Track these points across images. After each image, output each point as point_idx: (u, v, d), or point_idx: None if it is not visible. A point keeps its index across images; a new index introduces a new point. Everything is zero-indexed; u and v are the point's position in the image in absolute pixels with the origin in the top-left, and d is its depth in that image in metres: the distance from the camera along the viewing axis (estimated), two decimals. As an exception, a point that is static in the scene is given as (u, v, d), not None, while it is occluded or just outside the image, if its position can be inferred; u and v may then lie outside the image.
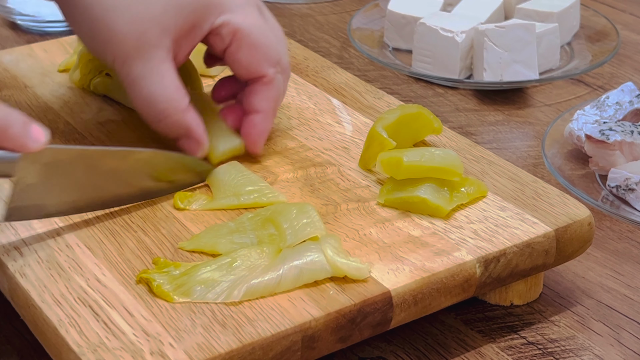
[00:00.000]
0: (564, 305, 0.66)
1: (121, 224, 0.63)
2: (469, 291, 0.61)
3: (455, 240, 0.62)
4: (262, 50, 0.68)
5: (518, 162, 0.83)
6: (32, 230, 0.62)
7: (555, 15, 1.01)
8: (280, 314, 0.55)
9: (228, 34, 0.67)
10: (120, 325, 0.54)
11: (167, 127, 0.66)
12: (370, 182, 0.68)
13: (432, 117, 0.71)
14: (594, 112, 0.83)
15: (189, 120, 0.66)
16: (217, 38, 0.67)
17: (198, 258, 0.60)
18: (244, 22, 0.67)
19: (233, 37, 0.67)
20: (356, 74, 0.95)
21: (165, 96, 0.65)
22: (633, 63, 1.02)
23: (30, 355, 0.61)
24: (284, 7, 1.16)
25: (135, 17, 0.64)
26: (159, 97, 0.65)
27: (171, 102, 0.65)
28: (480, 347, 0.62)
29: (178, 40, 0.66)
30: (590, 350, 0.62)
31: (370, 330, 0.57)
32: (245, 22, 0.67)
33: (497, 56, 0.93)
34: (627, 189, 0.75)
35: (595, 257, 0.71)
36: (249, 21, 0.67)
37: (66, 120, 0.75)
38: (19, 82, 0.81)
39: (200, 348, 0.53)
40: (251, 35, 0.67)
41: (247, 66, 0.68)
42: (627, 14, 1.15)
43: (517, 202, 0.66)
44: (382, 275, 0.58)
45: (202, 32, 0.67)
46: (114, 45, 0.64)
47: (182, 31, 0.65)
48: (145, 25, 0.64)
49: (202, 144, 0.67)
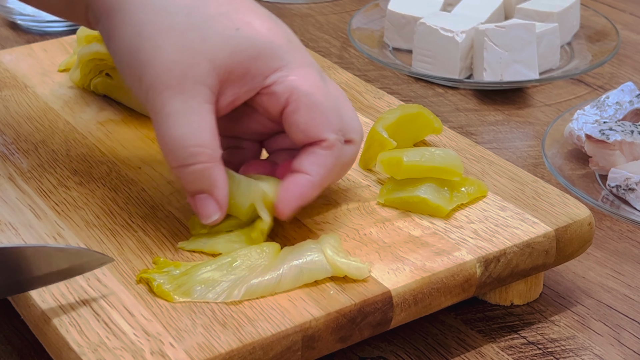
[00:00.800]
0: (564, 305, 0.66)
1: (121, 224, 0.63)
2: (469, 291, 0.61)
3: (455, 240, 0.62)
4: (322, 112, 0.59)
5: (518, 162, 0.83)
6: (32, 230, 0.62)
7: (555, 15, 1.01)
8: (280, 314, 0.55)
9: (284, 93, 0.59)
10: (120, 325, 0.54)
11: (190, 176, 0.58)
12: (370, 182, 0.68)
13: (433, 117, 0.72)
14: (594, 112, 0.83)
15: (217, 174, 0.58)
16: (272, 97, 0.59)
17: (198, 258, 0.60)
18: (302, 82, 0.59)
19: (290, 97, 0.59)
20: (356, 74, 0.95)
21: (201, 140, 0.57)
22: (633, 63, 1.02)
23: (30, 355, 0.61)
24: (284, 7, 1.16)
25: (188, 46, 0.57)
26: (193, 140, 0.57)
27: (205, 148, 0.57)
28: (481, 347, 0.62)
29: (224, 84, 0.58)
30: (590, 350, 0.62)
31: (371, 330, 0.57)
32: (303, 82, 0.59)
33: (497, 56, 0.93)
34: (627, 188, 0.75)
35: (595, 257, 0.71)
36: (308, 81, 0.59)
37: (66, 120, 0.76)
38: (19, 82, 0.81)
39: (200, 348, 0.53)
40: (310, 96, 0.59)
41: (306, 129, 0.59)
42: (627, 14, 1.15)
43: (517, 202, 0.66)
44: (382, 275, 0.58)
45: (253, 85, 0.59)
46: (156, 71, 0.57)
47: (232, 75, 0.58)
48: (197, 57, 0.57)
49: (221, 206, 0.59)
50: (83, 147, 0.72)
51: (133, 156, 0.71)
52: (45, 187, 0.67)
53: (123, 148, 0.72)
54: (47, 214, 0.64)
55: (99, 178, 0.68)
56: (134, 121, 0.76)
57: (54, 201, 0.65)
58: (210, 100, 0.58)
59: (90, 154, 0.71)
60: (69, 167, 0.69)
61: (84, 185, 0.67)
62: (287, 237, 0.62)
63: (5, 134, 0.73)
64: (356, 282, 0.58)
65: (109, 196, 0.66)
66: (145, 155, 0.71)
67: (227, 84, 0.58)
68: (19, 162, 0.70)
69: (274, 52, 0.59)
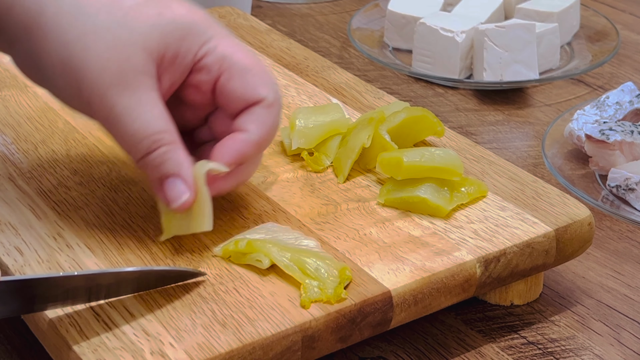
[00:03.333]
0: (564, 305, 0.66)
1: (121, 224, 0.63)
2: (469, 291, 0.61)
3: (455, 240, 0.62)
4: (256, 73, 0.60)
5: (518, 162, 0.83)
6: (32, 229, 0.62)
7: (555, 15, 1.01)
8: (280, 314, 0.55)
9: (215, 63, 0.60)
10: (120, 324, 0.54)
11: (155, 161, 0.58)
12: (370, 182, 0.68)
13: (436, 121, 0.71)
14: (594, 112, 0.83)
15: (180, 154, 0.58)
16: (203, 71, 0.60)
17: (198, 258, 0.60)
18: (230, 49, 0.60)
19: (221, 66, 0.60)
20: (356, 74, 0.95)
21: (158, 127, 0.57)
22: (633, 63, 1.02)
23: (30, 355, 0.61)
24: (284, 7, 1.16)
25: (118, 41, 0.57)
26: (151, 128, 0.57)
27: (164, 133, 0.57)
28: (481, 347, 0.62)
29: (160, 70, 0.58)
30: (590, 350, 0.62)
31: (371, 330, 0.57)
32: (231, 49, 0.60)
33: (497, 56, 0.93)
34: (627, 188, 0.75)
35: (595, 257, 0.71)
36: (236, 48, 0.61)
37: (66, 120, 0.75)
38: (19, 82, 0.81)
39: (200, 348, 0.53)
40: (241, 61, 0.60)
41: (244, 93, 0.60)
42: (627, 14, 1.15)
43: (517, 202, 0.66)
44: (382, 275, 0.58)
45: (185, 63, 0.59)
46: (93, 74, 0.56)
47: (165, 59, 0.58)
48: (129, 49, 0.57)
49: (189, 185, 0.58)
50: (83, 147, 0.72)
51: (133, 156, 0.71)
52: (45, 187, 0.67)
53: (123, 148, 0.72)
54: (47, 214, 0.64)
55: (99, 178, 0.68)
56: (134, 121, 0.76)
57: (54, 201, 0.65)
58: (155, 87, 0.58)
59: (90, 154, 0.71)
60: (69, 167, 0.69)
61: (84, 185, 0.67)
62: (287, 237, 0.62)
63: (5, 134, 0.73)
64: (356, 282, 0.58)
65: (109, 196, 0.66)
66: (145, 155, 0.71)
67: (161, 69, 0.59)
68: (19, 162, 0.70)
69: (198, 28, 0.60)
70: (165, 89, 0.59)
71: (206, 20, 0.61)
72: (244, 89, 0.60)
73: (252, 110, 0.60)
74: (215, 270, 0.59)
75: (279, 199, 0.66)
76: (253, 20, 0.95)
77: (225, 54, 0.60)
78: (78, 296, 0.54)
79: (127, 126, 0.57)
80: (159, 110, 0.58)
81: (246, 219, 0.64)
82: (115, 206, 0.65)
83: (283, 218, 0.64)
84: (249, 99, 0.60)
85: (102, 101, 0.57)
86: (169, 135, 0.58)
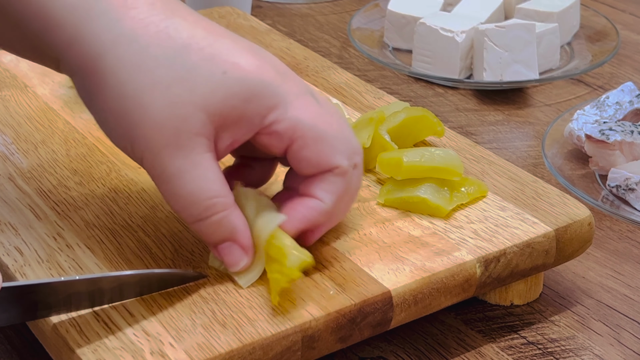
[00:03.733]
0: (564, 305, 0.66)
1: (121, 224, 0.63)
2: (469, 291, 0.61)
3: (455, 240, 0.62)
4: (330, 142, 0.57)
5: (518, 162, 0.83)
6: (32, 230, 0.62)
7: (555, 15, 1.01)
8: (280, 314, 0.55)
9: (287, 131, 0.56)
10: (120, 324, 0.54)
11: (210, 228, 0.56)
12: (370, 182, 0.68)
13: (436, 121, 0.71)
14: (594, 112, 0.83)
15: (235, 220, 0.56)
16: (273, 137, 0.56)
17: (198, 258, 0.60)
18: (303, 115, 0.56)
19: (293, 134, 0.56)
20: (356, 74, 0.95)
21: (212, 192, 0.55)
22: (633, 63, 1.02)
23: (30, 355, 0.61)
24: (284, 7, 1.16)
25: (177, 100, 0.53)
26: (204, 193, 0.55)
27: (218, 198, 0.55)
28: (480, 347, 0.62)
29: (220, 129, 0.55)
30: (590, 350, 0.62)
31: (370, 330, 0.57)
32: (304, 114, 0.56)
33: (497, 56, 0.93)
34: (627, 188, 0.75)
35: (595, 257, 0.71)
36: (309, 113, 0.56)
37: (66, 120, 0.76)
38: (19, 82, 0.81)
39: (200, 348, 0.53)
40: (314, 128, 0.56)
41: (317, 163, 0.57)
42: (627, 14, 1.15)
43: (517, 202, 0.66)
44: (382, 275, 0.58)
45: (250, 127, 0.56)
46: (148, 131, 0.54)
47: (227, 120, 0.55)
48: (187, 109, 0.54)
49: (246, 250, 0.57)
50: (83, 147, 0.72)
51: (133, 156, 0.71)
52: (45, 187, 0.67)
53: (123, 148, 0.72)
54: (47, 214, 0.64)
55: (99, 178, 0.68)
56: (134, 121, 0.76)
57: (54, 201, 0.65)
58: (210, 149, 0.55)
59: (90, 154, 0.71)
60: (69, 167, 0.69)
61: (84, 185, 0.67)
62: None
63: (5, 134, 0.73)
64: (356, 282, 0.58)
65: (109, 196, 0.66)
66: (145, 155, 0.71)
67: (222, 129, 0.55)
68: (19, 162, 0.70)
69: (267, 89, 0.56)
70: (225, 146, 0.56)
71: (277, 78, 0.56)
72: (317, 158, 0.57)
73: (325, 177, 0.57)
74: (215, 270, 0.59)
75: (279, 199, 0.66)
76: (253, 20, 0.95)
77: (298, 120, 0.56)
78: (81, 301, 0.54)
79: (180, 189, 0.55)
80: (213, 174, 0.55)
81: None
82: (115, 206, 0.65)
83: (283, 218, 0.64)
84: (322, 167, 0.57)
85: (155, 160, 0.55)
86: (222, 199, 0.55)
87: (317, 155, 0.57)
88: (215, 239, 0.56)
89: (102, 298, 0.54)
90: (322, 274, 0.58)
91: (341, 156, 0.57)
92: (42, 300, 0.52)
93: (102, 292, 0.54)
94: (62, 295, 0.53)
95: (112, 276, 0.54)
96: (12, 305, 0.52)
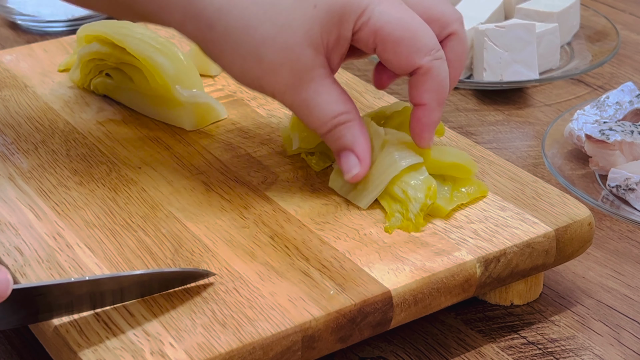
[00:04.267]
0: (564, 305, 0.66)
1: (121, 224, 0.63)
2: (469, 291, 0.61)
3: (455, 240, 0.62)
4: (408, 43, 0.62)
5: (518, 162, 0.83)
6: (32, 230, 0.62)
7: (555, 15, 1.01)
8: (280, 314, 0.55)
9: (368, 37, 0.62)
10: (120, 324, 0.54)
11: (332, 138, 0.64)
12: (371, 182, 0.68)
13: None
14: (594, 112, 0.83)
15: (356, 131, 0.64)
16: (360, 43, 0.63)
17: (198, 258, 0.60)
18: (381, 20, 0.62)
19: (375, 39, 0.62)
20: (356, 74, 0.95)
21: (335, 112, 0.63)
22: (633, 63, 1.02)
23: (30, 355, 0.61)
24: (284, 7, 1.16)
25: (285, 46, 0.61)
26: (329, 114, 0.63)
27: (340, 116, 0.63)
28: (480, 347, 0.62)
29: (328, 54, 0.63)
30: (590, 350, 0.62)
31: (371, 330, 0.57)
32: (382, 18, 0.62)
33: (497, 56, 0.93)
34: (627, 189, 0.75)
35: (595, 257, 0.71)
36: (387, 16, 0.62)
37: (66, 120, 0.76)
38: (19, 82, 0.81)
39: (200, 348, 0.53)
40: (393, 33, 0.62)
41: (398, 65, 0.63)
42: (627, 14, 1.15)
43: (517, 202, 0.66)
44: (382, 275, 0.58)
45: (347, 40, 0.63)
46: (270, 79, 0.62)
47: (330, 44, 0.62)
48: (296, 51, 0.61)
49: (362, 160, 0.64)
50: (83, 147, 0.72)
51: (133, 156, 0.71)
52: (45, 187, 0.67)
53: (123, 148, 0.72)
54: (47, 214, 0.64)
55: (99, 178, 0.68)
56: (134, 121, 0.76)
57: (54, 201, 0.65)
58: (327, 74, 0.63)
59: (90, 154, 0.71)
60: (69, 167, 0.69)
61: (84, 185, 0.67)
62: (287, 237, 0.62)
63: (5, 134, 0.73)
64: (356, 282, 0.58)
65: (109, 196, 0.66)
66: (145, 155, 0.71)
67: (329, 52, 0.63)
68: (19, 162, 0.70)
69: (352, 6, 0.61)
70: (336, 63, 0.64)
71: None
72: (398, 61, 0.63)
73: (415, 81, 0.63)
74: (215, 270, 0.59)
75: (279, 199, 0.66)
76: (253, 20, 0.95)
77: (377, 26, 0.62)
78: (82, 303, 0.54)
79: (309, 115, 0.63)
80: (336, 94, 0.63)
81: (246, 219, 0.64)
82: (115, 206, 0.65)
83: (283, 218, 0.64)
84: (405, 69, 0.63)
85: (284, 97, 0.63)
86: (344, 115, 0.63)
87: (398, 60, 0.63)
88: (337, 147, 0.64)
89: (104, 300, 0.54)
90: (322, 274, 0.58)
91: (420, 54, 0.62)
92: (44, 303, 0.52)
93: (104, 294, 0.54)
94: (63, 297, 0.53)
95: (115, 277, 0.54)
96: (14, 309, 0.52)
